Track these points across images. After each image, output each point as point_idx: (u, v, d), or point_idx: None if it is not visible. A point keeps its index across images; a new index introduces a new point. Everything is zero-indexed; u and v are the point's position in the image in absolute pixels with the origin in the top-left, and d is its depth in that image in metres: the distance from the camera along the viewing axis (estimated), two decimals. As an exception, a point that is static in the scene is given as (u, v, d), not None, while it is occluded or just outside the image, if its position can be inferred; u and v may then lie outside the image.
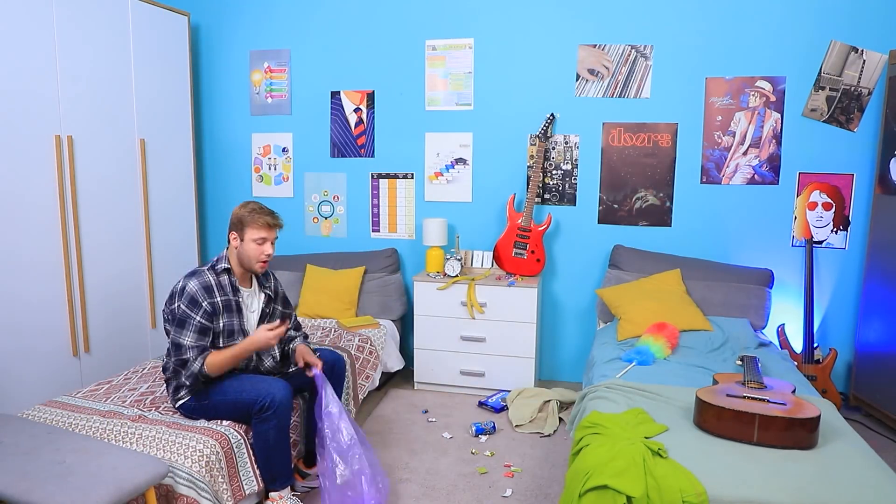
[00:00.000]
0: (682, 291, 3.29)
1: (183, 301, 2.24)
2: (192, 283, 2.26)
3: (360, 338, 3.25)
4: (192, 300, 2.23)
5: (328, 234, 4.08)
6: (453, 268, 3.57)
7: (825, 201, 3.40)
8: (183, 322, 2.22)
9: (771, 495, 1.67)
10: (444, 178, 3.84)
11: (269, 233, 2.33)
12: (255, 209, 2.33)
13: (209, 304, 2.25)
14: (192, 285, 2.25)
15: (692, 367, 2.68)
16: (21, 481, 1.70)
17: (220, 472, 2.08)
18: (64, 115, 2.95)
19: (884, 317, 3.12)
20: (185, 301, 2.23)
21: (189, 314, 2.22)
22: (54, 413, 2.27)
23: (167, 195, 3.62)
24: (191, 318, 2.22)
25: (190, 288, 2.25)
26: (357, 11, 3.83)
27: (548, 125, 3.57)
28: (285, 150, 4.06)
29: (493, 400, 3.34)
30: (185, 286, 2.26)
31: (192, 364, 2.21)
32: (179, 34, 3.66)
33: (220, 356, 2.24)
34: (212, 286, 2.28)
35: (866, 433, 3.10)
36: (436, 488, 2.53)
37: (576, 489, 1.80)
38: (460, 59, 3.73)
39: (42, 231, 2.86)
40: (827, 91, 3.32)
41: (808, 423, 1.91)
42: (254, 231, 2.29)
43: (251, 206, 2.34)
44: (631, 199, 3.61)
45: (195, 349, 2.21)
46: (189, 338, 2.22)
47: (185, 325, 2.22)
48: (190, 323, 2.22)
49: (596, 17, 3.53)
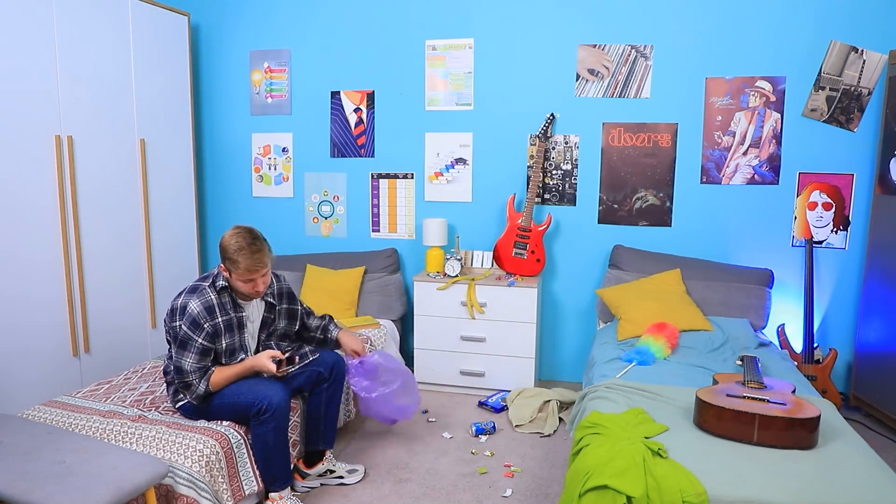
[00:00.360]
0: (682, 291, 3.29)
1: (185, 322, 2.20)
2: (193, 303, 2.21)
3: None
4: (193, 322, 2.19)
5: (328, 234, 4.08)
6: (453, 268, 3.57)
7: (825, 201, 3.40)
8: (185, 344, 2.20)
9: (771, 495, 1.67)
10: (444, 178, 3.84)
11: (254, 274, 2.20)
12: (240, 248, 2.17)
13: (211, 326, 2.22)
14: (193, 306, 2.21)
15: (692, 367, 2.68)
16: (21, 481, 1.70)
17: (219, 472, 2.08)
18: (64, 114, 2.95)
19: (884, 317, 3.12)
20: (187, 322, 2.19)
21: (191, 336, 2.19)
22: (54, 413, 2.27)
23: (167, 195, 3.63)
24: (192, 340, 2.19)
25: (192, 309, 2.20)
26: (357, 11, 3.83)
27: (548, 125, 3.57)
28: (285, 150, 4.06)
29: (493, 400, 3.34)
30: (187, 306, 2.21)
31: (197, 387, 2.21)
32: (179, 34, 3.66)
33: (222, 375, 2.25)
34: (213, 306, 2.24)
35: (866, 433, 3.10)
36: (436, 488, 2.53)
37: (576, 489, 1.80)
38: (460, 59, 3.73)
39: (42, 230, 2.86)
40: (827, 91, 3.32)
41: (808, 423, 1.91)
42: (238, 273, 2.19)
43: (236, 241, 2.18)
44: (631, 199, 3.61)
45: (197, 372, 2.21)
46: (191, 360, 2.20)
47: (187, 347, 2.20)
48: (192, 345, 2.20)
49: (596, 17, 3.53)
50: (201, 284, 2.28)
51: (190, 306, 2.21)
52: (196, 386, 2.21)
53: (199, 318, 2.19)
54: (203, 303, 2.22)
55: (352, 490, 2.52)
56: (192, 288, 2.28)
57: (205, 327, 2.20)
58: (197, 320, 2.19)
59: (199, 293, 2.24)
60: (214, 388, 2.24)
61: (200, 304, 2.21)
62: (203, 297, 2.23)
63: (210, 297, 2.24)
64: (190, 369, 2.20)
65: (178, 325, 2.22)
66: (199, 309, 2.20)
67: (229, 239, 2.20)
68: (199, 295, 2.23)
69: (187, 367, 2.20)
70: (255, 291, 2.25)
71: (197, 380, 2.21)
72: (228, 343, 2.29)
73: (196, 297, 2.23)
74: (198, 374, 2.21)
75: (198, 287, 2.27)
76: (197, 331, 2.19)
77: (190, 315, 2.19)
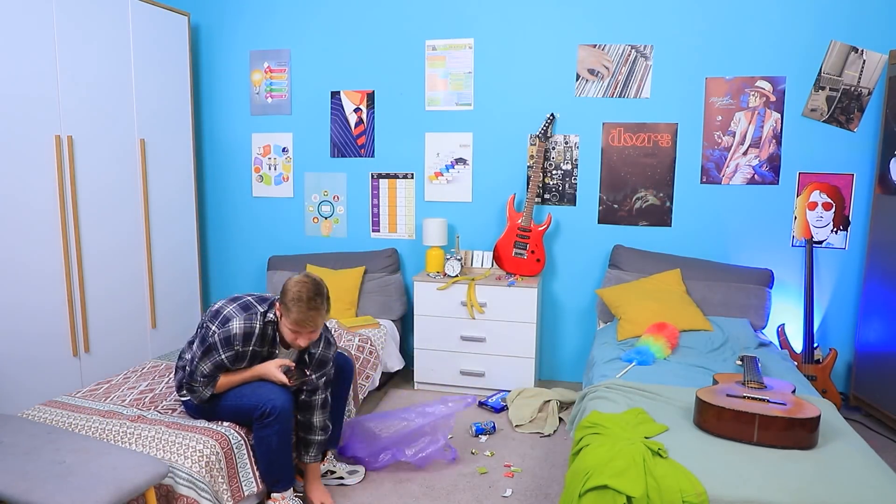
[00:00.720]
0: (682, 291, 3.29)
1: (220, 333, 2.17)
2: (237, 322, 2.17)
3: (360, 338, 3.25)
4: (227, 340, 2.17)
5: (328, 234, 4.08)
6: (453, 268, 3.57)
7: (825, 201, 3.40)
8: (209, 351, 2.19)
9: (771, 495, 1.67)
10: (444, 178, 3.84)
11: (301, 328, 2.13)
12: (298, 299, 2.09)
13: (242, 351, 2.20)
14: (236, 325, 2.17)
15: (692, 367, 2.68)
16: (21, 481, 1.70)
17: (219, 472, 2.08)
18: (64, 115, 2.95)
19: (884, 317, 3.12)
20: (221, 336, 2.17)
21: (218, 349, 2.18)
22: (54, 413, 2.27)
23: (167, 195, 3.63)
24: (217, 352, 2.18)
25: (233, 327, 2.17)
26: (357, 11, 3.83)
27: (548, 125, 3.57)
28: (285, 150, 4.06)
29: (493, 400, 3.34)
30: (230, 321, 2.18)
31: (202, 392, 2.22)
32: (179, 34, 3.66)
33: (228, 380, 2.25)
34: (253, 334, 2.20)
35: (866, 433, 3.10)
36: (436, 488, 2.53)
37: (576, 489, 1.80)
38: (460, 59, 3.73)
39: (42, 230, 2.86)
40: (827, 91, 3.32)
41: (808, 423, 1.91)
42: (288, 320, 2.13)
43: (297, 290, 2.10)
44: (631, 199, 3.61)
45: (207, 378, 2.21)
46: (205, 367, 2.19)
47: (209, 356, 2.19)
48: (214, 356, 2.19)
49: (596, 17, 3.53)
50: (255, 307, 2.24)
51: (232, 323, 2.18)
52: (201, 391, 2.22)
53: (234, 340, 2.17)
54: (246, 327, 2.18)
55: (352, 490, 2.52)
56: (245, 305, 2.25)
57: (235, 348, 2.19)
58: (231, 340, 2.17)
59: (248, 316, 2.20)
60: (218, 391, 2.25)
61: (242, 328, 2.18)
62: (249, 321, 2.19)
63: (255, 325, 2.20)
64: (200, 376, 2.20)
65: (212, 329, 2.20)
66: (239, 331, 2.18)
67: (293, 285, 2.13)
68: (247, 317, 2.20)
69: (199, 372, 2.20)
70: (296, 344, 2.20)
71: (203, 386, 2.22)
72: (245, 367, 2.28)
73: (244, 318, 2.19)
74: (206, 382, 2.22)
75: (250, 308, 2.24)
76: (226, 348, 2.18)
77: (228, 331, 2.17)
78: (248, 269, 4.24)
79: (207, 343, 2.19)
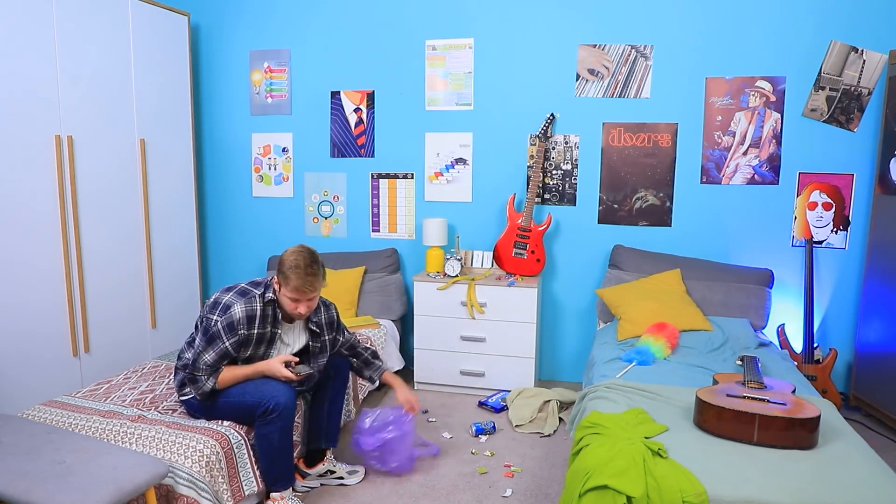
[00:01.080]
0: (682, 291, 3.29)
1: (222, 321, 2.20)
2: (238, 306, 2.20)
3: (360, 338, 3.25)
4: (230, 325, 2.19)
5: (328, 234, 4.08)
6: (453, 268, 3.57)
7: (825, 201, 3.40)
8: (212, 340, 2.20)
9: (771, 495, 1.67)
10: (444, 178, 3.84)
11: (301, 295, 2.19)
12: (296, 266, 2.16)
13: (245, 334, 2.22)
14: (237, 310, 2.20)
15: (692, 367, 2.68)
16: (21, 481, 1.70)
17: (220, 472, 2.08)
18: (64, 115, 2.95)
19: (884, 317, 3.12)
20: (224, 323, 2.19)
21: (221, 336, 2.19)
22: (54, 413, 2.27)
23: (167, 195, 3.63)
24: (221, 340, 2.20)
25: (235, 312, 2.19)
26: (357, 11, 3.83)
27: (548, 125, 3.57)
28: (285, 150, 4.06)
29: (493, 400, 3.34)
30: (231, 307, 2.21)
31: (204, 384, 2.22)
32: (179, 34, 3.66)
33: (231, 374, 2.25)
34: (255, 316, 2.23)
35: (866, 433, 3.10)
36: (436, 488, 2.53)
37: (576, 489, 1.80)
38: (460, 59, 3.73)
39: (42, 230, 2.86)
40: (827, 91, 3.32)
41: (808, 423, 1.91)
42: (287, 289, 2.19)
43: (294, 259, 2.18)
44: (631, 199, 3.61)
45: (210, 369, 2.21)
46: (209, 357, 2.20)
47: (212, 345, 2.20)
48: (217, 345, 2.20)
49: (596, 17, 3.53)
50: (252, 291, 2.27)
51: (234, 309, 2.20)
52: (203, 383, 2.21)
53: (238, 324, 2.19)
54: (247, 310, 2.21)
55: (352, 490, 2.52)
56: (242, 291, 2.27)
57: (239, 333, 2.20)
58: (234, 325, 2.19)
59: (248, 299, 2.23)
60: (221, 386, 2.24)
61: (244, 311, 2.20)
62: (250, 304, 2.22)
63: (255, 307, 2.23)
64: (204, 365, 2.20)
65: (214, 319, 2.22)
66: (242, 315, 2.20)
67: (289, 255, 2.20)
68: (247, 301, 2.22)
69: (202, 362, 2.20)
70: (297, 313, 2.23)
71: (206, 377, 2.21)
72: (252, 354, 2.29)
73: (244, 302, 2.22)
74: (209, 371, 2.21)
75: (248, 292, 2.26)
76: (230, 334, 2.19)
77: (231, 317, 2.19)
78: (247, 269, 4.23)
79: (210, 332, 2.20)
